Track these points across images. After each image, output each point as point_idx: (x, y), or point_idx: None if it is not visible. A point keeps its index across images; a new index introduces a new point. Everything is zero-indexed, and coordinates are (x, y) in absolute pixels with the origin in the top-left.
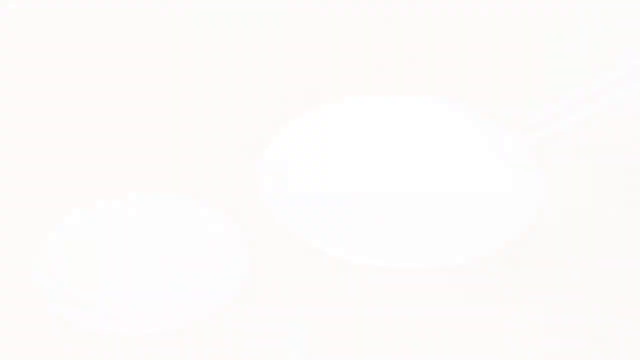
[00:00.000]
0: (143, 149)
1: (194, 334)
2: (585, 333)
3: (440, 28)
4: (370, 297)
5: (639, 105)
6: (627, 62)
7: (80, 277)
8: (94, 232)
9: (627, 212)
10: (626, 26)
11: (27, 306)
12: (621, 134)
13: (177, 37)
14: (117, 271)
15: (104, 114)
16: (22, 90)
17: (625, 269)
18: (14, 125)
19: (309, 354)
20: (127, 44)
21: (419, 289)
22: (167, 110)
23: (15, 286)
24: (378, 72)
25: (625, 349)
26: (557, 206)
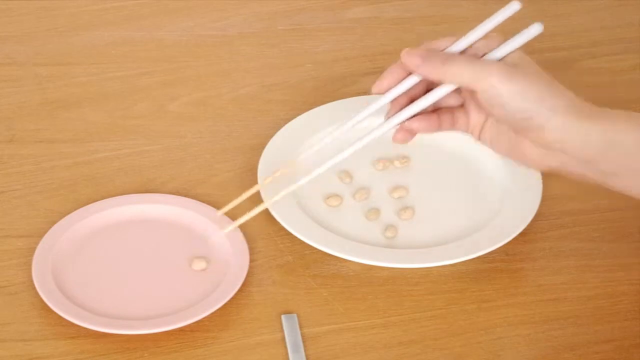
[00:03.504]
0: (143, 149)
1: (194, 334)
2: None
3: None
4: (369, 296)
5: None
6: None
7: (78, 276)
8: (92, 231)
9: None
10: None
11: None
12: None
13: (173, 35)
14: (116, 271)
15: (102, 112)
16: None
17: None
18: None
19: (308, 353)
20: (124, 42)
21: (420, 288)
22: (167, 109)
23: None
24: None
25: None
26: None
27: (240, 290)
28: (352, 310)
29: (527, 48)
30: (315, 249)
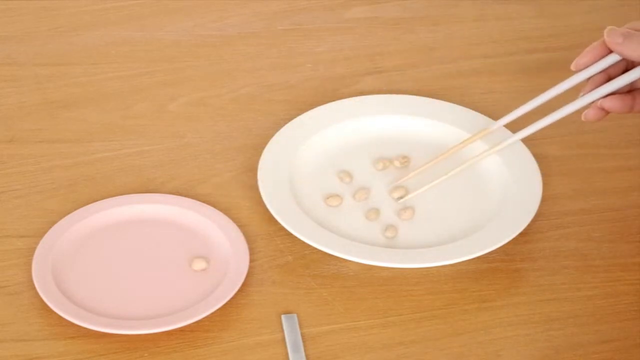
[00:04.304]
0: (143, 149)
1: (194, 334)
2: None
3: (441, 31)
4: (369, 296)
5: None
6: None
7: (78, 276)
8: (92, 231)
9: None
10: None
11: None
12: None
13: (174, 35)
14: (116, 271)
15: (102, 112)
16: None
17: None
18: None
19: (308, 353)
20: (126, 40)
21: (420, 288)
22: (167, 109)
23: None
24: (377, 71)
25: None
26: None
27: (240, 290)
28: (352, 310)
29: (526, 48)
30: (315, 249)
